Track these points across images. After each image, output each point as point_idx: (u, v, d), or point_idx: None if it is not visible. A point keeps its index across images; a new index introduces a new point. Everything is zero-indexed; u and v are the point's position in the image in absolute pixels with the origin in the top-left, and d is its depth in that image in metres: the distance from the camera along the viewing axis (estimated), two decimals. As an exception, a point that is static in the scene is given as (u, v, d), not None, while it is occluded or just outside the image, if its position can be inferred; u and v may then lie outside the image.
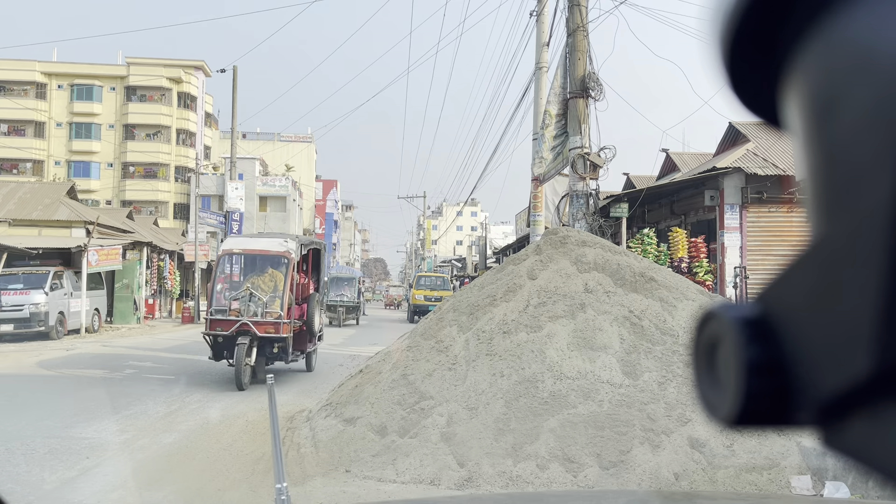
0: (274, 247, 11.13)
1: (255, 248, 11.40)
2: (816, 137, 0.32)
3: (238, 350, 9.83)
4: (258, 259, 11.41)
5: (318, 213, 70.57)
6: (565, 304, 6.58)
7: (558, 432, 5.46)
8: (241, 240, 12.26)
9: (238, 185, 30.96)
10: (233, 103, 28.99)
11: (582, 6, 10.24)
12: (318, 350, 12.85)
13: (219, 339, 10.31)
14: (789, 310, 0.33)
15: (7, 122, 48.55)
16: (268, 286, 10.86)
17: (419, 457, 5.53)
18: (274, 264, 11.11)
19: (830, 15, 0.31)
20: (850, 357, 0.28)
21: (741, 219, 15.38)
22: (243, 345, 9.89)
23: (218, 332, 10.26)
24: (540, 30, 14.65)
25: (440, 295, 26.56)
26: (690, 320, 6.32)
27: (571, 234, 7.58)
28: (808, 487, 4.99)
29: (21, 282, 17.66)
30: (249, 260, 11.60)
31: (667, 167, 24.39)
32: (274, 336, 10.30)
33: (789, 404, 0.32)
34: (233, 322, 10.22)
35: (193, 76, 51.61)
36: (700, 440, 5.32)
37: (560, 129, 11.07)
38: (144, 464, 5.95)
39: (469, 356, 6.40)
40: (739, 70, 0.35)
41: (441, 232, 68.33)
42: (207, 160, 50.85)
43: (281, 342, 10.42)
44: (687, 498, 2.06)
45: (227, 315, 10.37)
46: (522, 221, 28.74)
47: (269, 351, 10.45)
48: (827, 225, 0.31)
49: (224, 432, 7.16)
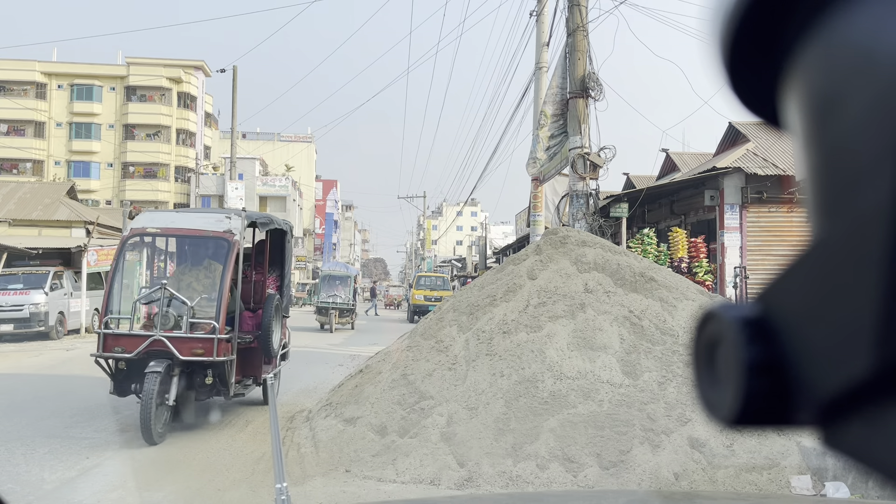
0: (208, 225, 7.62)
1: (179, 226, 7.83)
2: (816, 137, 0.32)
3: (148, 382, 6.50)
4: (187, 244, 8.23)
5: (318, 213, 70.57)
6: (565, 304, 6.58)
7: (558, 432, 5.46)
8: (161, 216, 8.46)
9: (238, 185, 30.96)
10: (233, 103, 29.00)
11: (582, 6, 10.24)
12: (280, 373, 9.20)
13: (121, 364, 7.01)
14: (789, 310, 0.33)
15: (7, 122, 48.55)
16: (201, 284, 7.70)
17: (419, 457, 5.53)
18: (209, 252, 7.95)
19: (830, 15, 0.31)
20: (849, 357, 0.28)
21: (741, 219, 15.39)
22: (156, 374, 6.57)
23: (117, 355, 6.92)
24: (540, 30, 14.65)
25: (440, 295, 26.48)
26: (690, 320, 6.32)
27: (571, 234, 7.58)
28: (808, 487, 4.99)
29: (21, 282, 17.66)
30: (173, 245, 8.57)
31: (667, 167, 24.39)
32: (204, 360, 6.87)
33: (789, 404, 0.32)
34: (140, 338, 6.88)
35: (193, 76, 51.61)
36: (700, 440, 5.32)
37: (557, 129, 11.08)
38: (144, 464, 5.96)
39: (469, 356, 6.40)
40: (739, 70, 0.35)
41: (441, 232, 68.35)
42: (207, 160, 50.88)
43: (218, 368, 7.02)
44: (687, 498, 2.06)
45: (133, 329, 7.17)
46: (522, 221, 28.74)
47: (198, 381, 7.12)
48: (827, 225, 0.31)
49: (224, 432, 7.16)
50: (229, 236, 7.48)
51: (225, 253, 7.46)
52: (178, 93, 50.96)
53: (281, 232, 9.46)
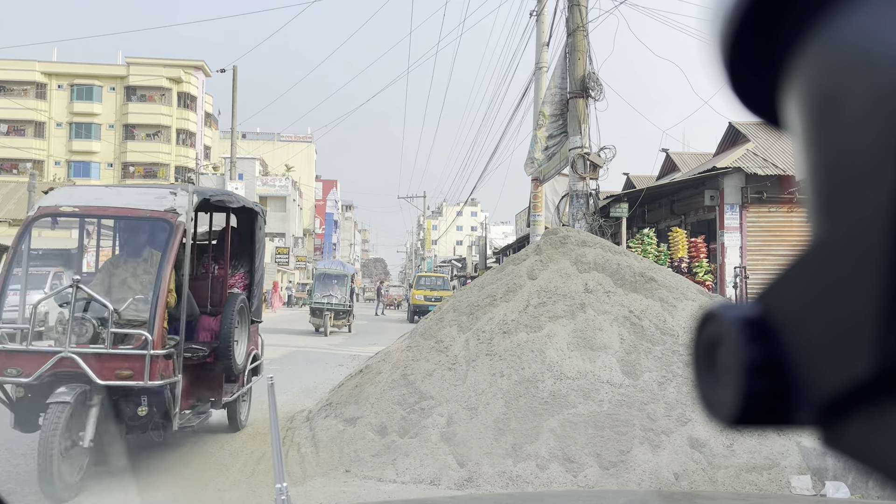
0: (145, 203, 5.60)
1: (105, 205, 5.71)
2: (816, 137, 0.32)
3: (49, 417, 4.74)
4: (117, 228, 6.52)
5: (318, 213, 70.61)
6: (565, 304, 6.59)
7: (558, 432, 5.46)
8: (83, 191, 6.22)
9: (238, 185, 30.96)
10: (233, 103, 29.00)
11: (582, 6, 10.24)
12: (251, 393, 7.44)
13: (20, 390, 5.21)
14: (789, 310, 0.33)
15: (7, 122, 48.58)
16: (138, 282, 5.76)
17: (419, 457, 5.53)
18: (145, 237, 5.98)
19: (830, 15, 0.31)
20: (849, 357, 0.28)
21: (741, 219, 15.39)
22: (62, 405, 4.78)
23: (10, 379, 5.08)
24: (540, 30, 14.66)
25: (440, 295, 26.46)
26: (690, 320, 6.32)
27: (571, 234, 7.59)
28: (808, 487, 4.99)
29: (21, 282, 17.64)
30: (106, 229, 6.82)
31: (667, 167, 24.40)
32: (131, 385, 5.06)
33: (789, 404, 0.32)
34: (43, 356, 5.04)
35: (193, 76, 51.64)
36: (700, 440, 5.32)
37: (556, 129, 11.09)
38: (144, 464, 5.95)
39: (469, 356, 6.41)
40: (739, 70, 0.35)
41: (441, 232, 68.39)
42: (207, 160, 50.88)
43: (154, 395, 5.19)
44: (687, 498, 2.06)
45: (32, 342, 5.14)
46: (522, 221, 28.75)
47: (128, 412, 5.22)
48: (827, 225, 0.31)
49: (223, 432, 7.16)
50: (171, 217, 5.48)
51: (165, 239, 5.47)
52: (178, 93, 51.00)
53: (249, 215, 7.53)
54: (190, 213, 5.67)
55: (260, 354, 7.67)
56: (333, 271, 22.23)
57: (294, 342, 17.53)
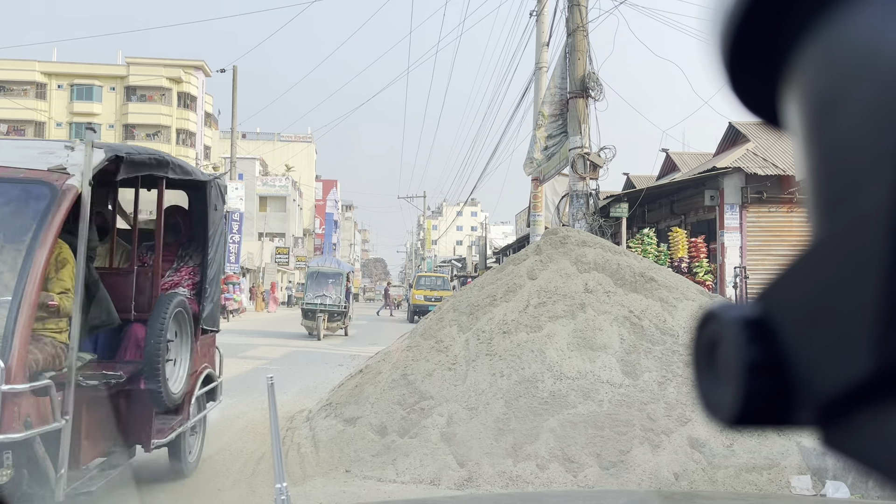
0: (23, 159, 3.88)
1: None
2: (816, 137, 0.32)
3: None
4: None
5: (318, 213, 70.61)
6: (565, 304, 6.59)
7: (558, 432, 5.46)
8: None
9: (238, 186, 30.94)
10: (233, 103, 29.00)
11: (582, 6, 10.24)
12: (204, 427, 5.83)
13: None
14: (789, 310, 0.33)
15: (7, 122, 48.56)
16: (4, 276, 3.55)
17: (419, 457, 5.53)
18: (12, 207, 3.74)
19: (830, 15, 0.31)
20: (849, 357, 0.28)
21: (741, 219, 15.40)
22: None
23: None
24: (540, 30, 14.67)
25: (440, 295, 26.45)
26: (690, 320, 6.32)
27: (571, 234, 7.59)
28: (808, 487, 4.99)
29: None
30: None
31: (667, 167, 24.41)
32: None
33: (789, 404, 0.32)
34: None
35: (193, 76, 51.64)
36: (700, 440, 5.32)
37: (555, 129, 11.10)
38: (144, 463, 5.95)
39: (469, 356, 6.41)
40: (739, 70, 0.35)
41: (441, 232, 68.39)
42: (207, 160, 50.88)
43: (17, 452, 3.26)
44: (687, 498, 2.06)
45: None
46: (522, 221, 28.75)
47: None
48: (827, 225, 0.31)
49: (224, 432, 7.16)
50: (56, 179, 3.72)
51: (42, 210, 3.62)
52: (178, 93, 51.01)
53: (197, 189, 5.71)
54: (88, 176, 3.78)
55: (216, 374, 6.00)
56: (327, 269, 20.09)
57: (294, 342, 17.54)
